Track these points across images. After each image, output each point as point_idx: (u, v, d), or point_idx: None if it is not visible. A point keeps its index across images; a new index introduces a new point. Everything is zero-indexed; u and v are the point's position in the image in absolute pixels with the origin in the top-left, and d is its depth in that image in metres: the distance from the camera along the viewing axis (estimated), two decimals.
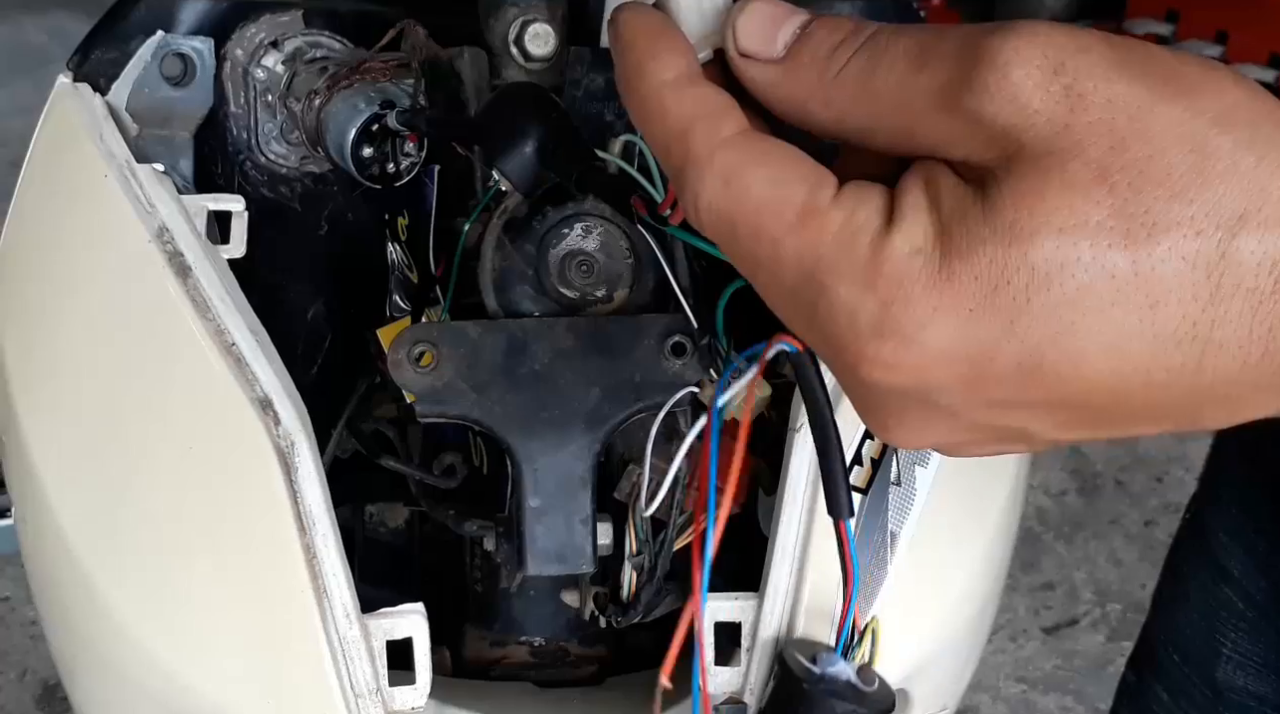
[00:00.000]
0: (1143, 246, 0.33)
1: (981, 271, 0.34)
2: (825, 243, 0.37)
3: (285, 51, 0.68)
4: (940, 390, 0.37)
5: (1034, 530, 2.13)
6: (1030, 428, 0.38)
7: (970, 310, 0.35)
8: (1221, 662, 0.86)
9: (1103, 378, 0.35)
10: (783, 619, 0.60)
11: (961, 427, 0.38)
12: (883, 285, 0.36)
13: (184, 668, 0.60)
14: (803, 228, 0.37)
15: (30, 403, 0.64)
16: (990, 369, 0.35)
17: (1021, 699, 1.89)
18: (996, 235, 0.34)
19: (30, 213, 0.67)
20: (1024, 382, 0.35)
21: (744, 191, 0.38)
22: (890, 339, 0.36)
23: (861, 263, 0.36)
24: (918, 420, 0.39)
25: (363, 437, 0.70)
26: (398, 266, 0.70)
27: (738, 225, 0.38)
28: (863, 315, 0.36)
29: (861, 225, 0.37)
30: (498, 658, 0.73)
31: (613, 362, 0.60)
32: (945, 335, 0.35)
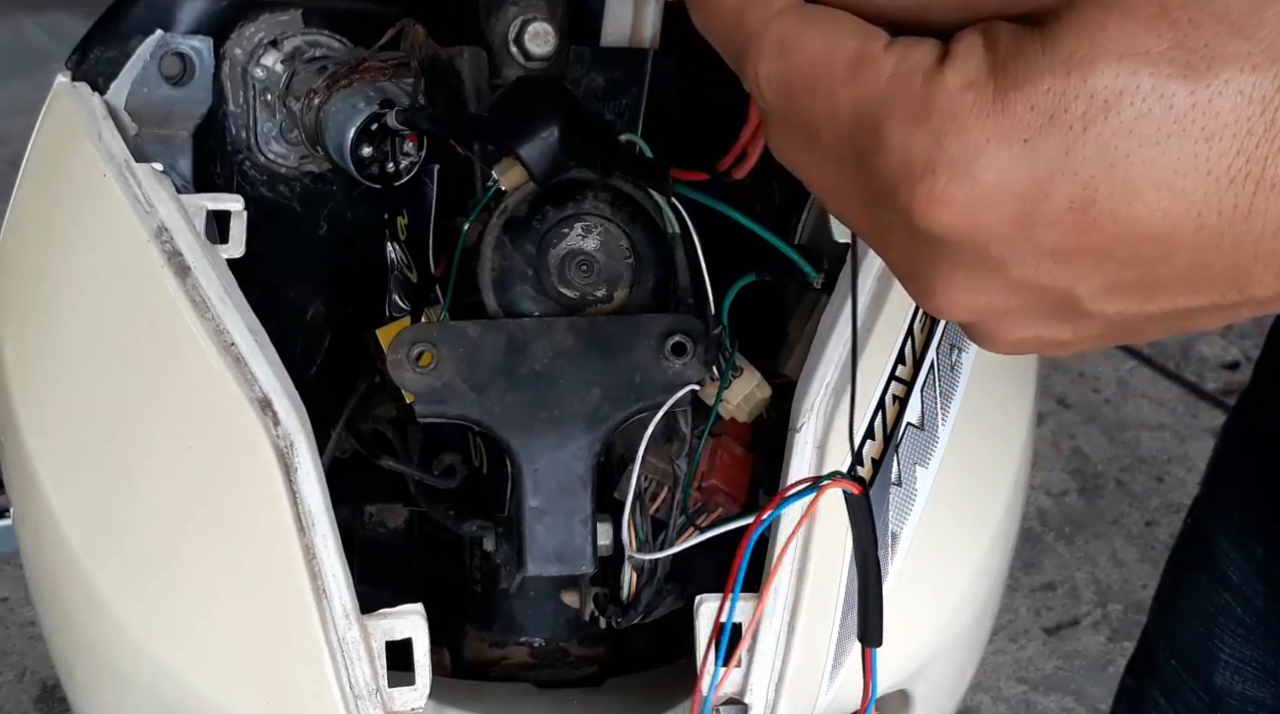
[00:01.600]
0: (1201, 78, 0.33)
1: (1038, 100, 0.34)
2: (878, 85, 0.37)
3: (284, 51, 0.68)
4: (990, 235, 0.36)
5: (1035, 531, 2.12)
6: (1077, 290, 0.37)
7: (1025, 141, 0.34)
8: (1219, 667, 0.86)
9: (1154, 219, 0.34)
10: (783, 619, 0.60)
11: (1009, 286, 0.38)
12: (935, 119, 0.35)
13: (183, 668, 0.59)
14: (856, 75, 0.37)
15: (29, 402, 0.64)
16: (1042, 208, 0.35)
17: (1022, 700, 1.89)
18: (1055, 64, 0.34)
19: (29, 212, 0.67)
20: (1075, 223, 0.35)
21: (798, 53, 0.38)
22: (943, 173, 0.35)
23: (914, 99, 0.36)
24: (965, 278, 0.38)
25: (362, 437, 0.70)
26: (397, 266, 0.69)
27: (794, 85, 0.38)
28: (916, 151, 0.36)
29: (914, 65, 0.36)
30: (497, 659, 0.73)
31: (613, 361, 0.59)
32: (998, 167, 0.35)
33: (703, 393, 0.61)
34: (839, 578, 0.60)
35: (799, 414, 0.61)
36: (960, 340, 0.66)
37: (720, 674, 0.60)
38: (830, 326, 0.62)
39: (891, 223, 0.38)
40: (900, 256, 0.39)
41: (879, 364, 0.62)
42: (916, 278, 0.39)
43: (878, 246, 0.40)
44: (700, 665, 0.60)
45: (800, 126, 0.39)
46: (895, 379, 0.63)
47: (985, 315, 0.39)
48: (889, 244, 0.39)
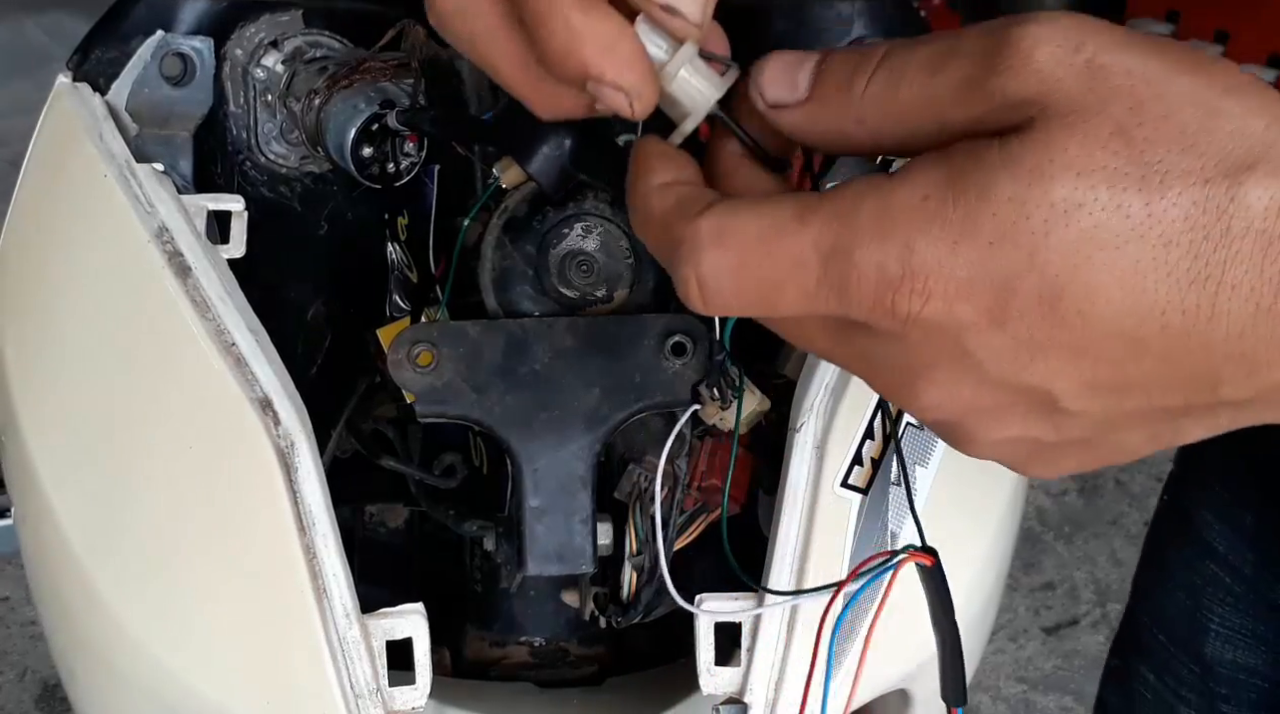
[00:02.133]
0: (1156, 190, 0.35)
1: (999, 209, 0.36)
2: (831, 226, 0.39)
3: (285, 51, 0.68)
4: (967, 326, 0.38)
5: (1034, 530, 2.12)
6: (1054, 387, 0.39)
7: (990, 243, 0.37)
8: (1210, 637, 0.87)
9: (1120, 316, 0.36)
10: (783, 619, 0.60)
11: (987, 382, 0.39)
12: (901, 231, 0.37)
13: (183, 668, 0.60)
14: (805, 226, 0.39)
15: (30, 402, 0.64)
16: (1013, 301, 0.37)
17: (1022, 699, 1.89)
18: (1015, 178, 0.36)
19: (30, 212, 0.67)
20: (1045, 317, 0.37)
21: (738, 235, 0.40)
22: (919, 274, 0.37)
23: (874, 223, 0.38)
24: (945, 375, 0.40)
25: (362, 436, 0.70)
26: (397, 266, 0.70)
27: (746, 267, 0.40)
28: (890, 263, 0.38)
29: (864, 192, 0.39)
30: (498, 658, 0.73)
31: (613, 361, 0.60)
32: (968, 264, 0.37)
33: (703, 413, 0.61)
34: (838, 577, 0.61)
35: (799, 414, 0.61)
36: None
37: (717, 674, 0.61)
38: None
39: (872, 343, 0.41)
40: (884, 370, 0.42)
41: None
42: (902, 386, 0.41)
43: (860, 371, 0.43)
44: (699, 665, 0.60)
45: (753, 301, 0.41)
46: None
47: (966, 415, 0.41)
48: (872, 363, 0.42)
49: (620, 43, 0.41)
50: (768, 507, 0.66)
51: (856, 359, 0.42)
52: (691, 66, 0.43)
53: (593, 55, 0.41)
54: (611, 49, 0.41)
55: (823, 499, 0.60)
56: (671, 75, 0.43)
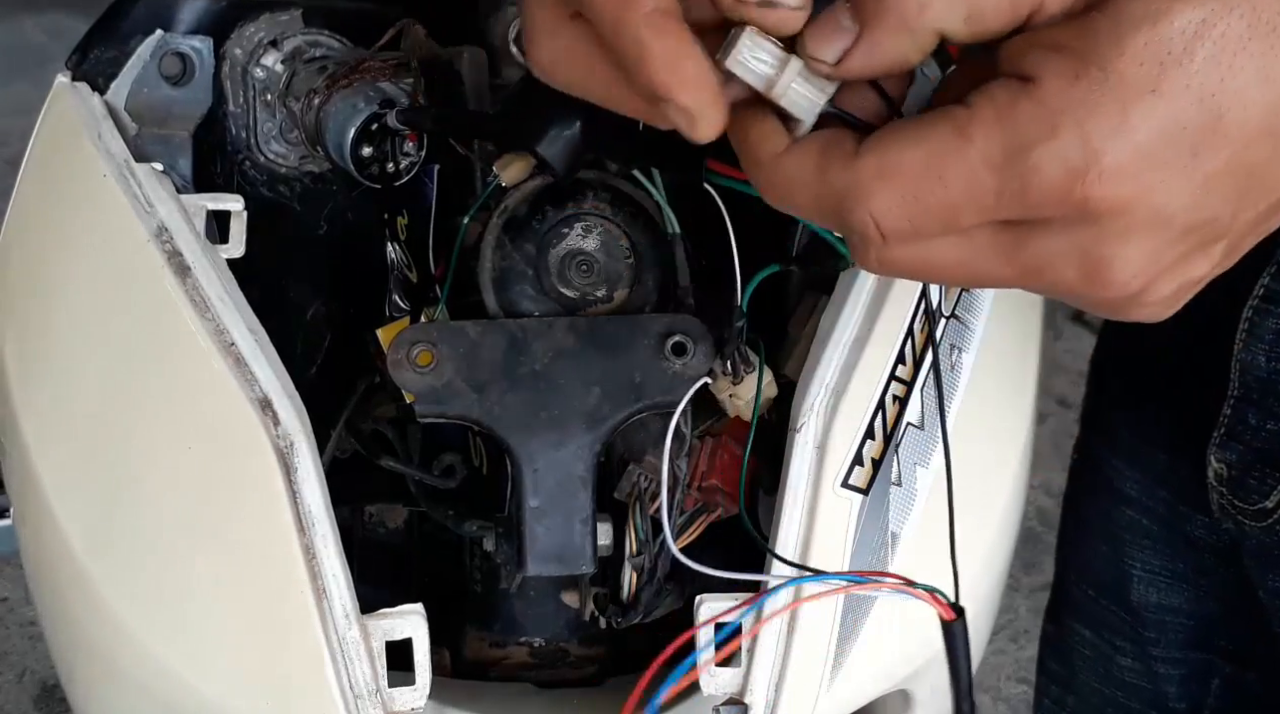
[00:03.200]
0: None
1: (1142, 55, 0.38)
2: (995, 135, 0.39)
3: (284, 51, 0.68)
4: (1158, 188, 0.39)
5: (1035, 530, 2.12)
6: (1220, 215, 0.40)
7: (1152, 91, 0.38)
8: (1134, 583, 0.88)
9: (1263, 114, 0.39)
10: (783, 619, 0.60)
11: (1176, 235, 0.40)
12: (1068, 121, 0.38)
13: (183, 668, 0.59)
14: (968, 142, 0.39)
15: (29, 402, 0.64)
16: (1186, 141, 0.38)
17: (1023, 700, 1.89)
18: (1136, 25, 0.38)
19: (29, 212, 0.67)
20: (1217, 143, 0.39)
21: (903, 167, 0.40)
22: (1105, 152, 0.38)
23: (1035, 119, 0.39)
24: (1138, 247, 0.40)
25: (362, 437, 0.70)
26: (397, 266, 0.69)
27: (919, 194, 0.40)
28: (1070, 153, 0.38)
29: (1012, 101, 0.39)
30: (497, 659, 0.73)
31: (613, 361, 0.59)
32: (1143, 123, 0.38)
33: (714, 387, 0.61)
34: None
35: (799, 414, 0.61)
36: (961, 340, 0.66)
37: (717, 674, 0.60)
38: (830, 327, 0.62)
39: (1056, 240, 0.41)
40: (1071, 262, 0.42)
41: (879, 364, 0.62)
42: (1095, 271, 0.41)
43: (1039, 280, 0.42)
44: (699, 665, 0.60)
45: (935, 229, 0.41)
46: (895, 379, 0.63)
47: (1155, 278, 0.42)
48: (1055, 266, 0.42)
49: (684, 63, 0.41)
50: (768, 507, 0.66)
51: (1033, 269, 0.42)
52: (799, 79, 0.43)
53: (658, 74, 0.41)
54: (676, 69, 0.41)
55: (823, 499, 0.60)
56: (782, 92, 0.43)
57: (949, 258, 0.42)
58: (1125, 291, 0.42)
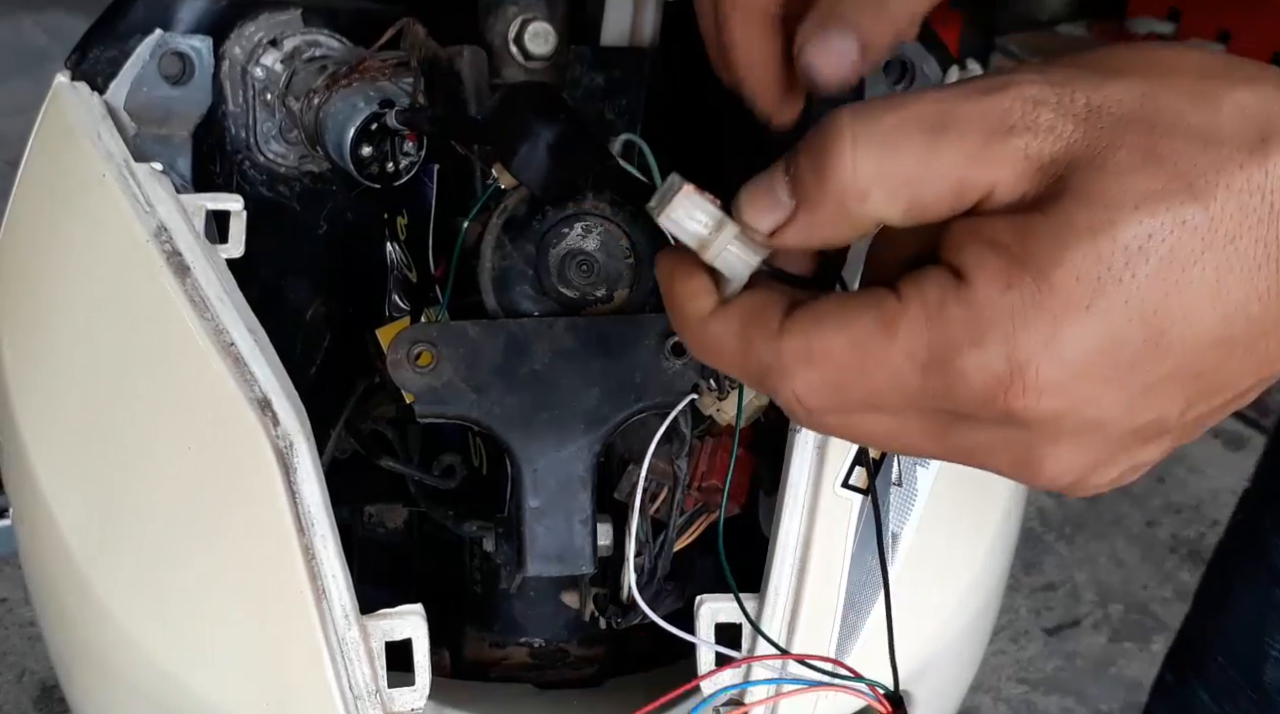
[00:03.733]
0: (1206, 193, 0.36)
1: (1080, 269, 0.37)
2: (921, 335, 0.38)
3: (284, 50, 0.68)
4: (1087, 400, 0.38)
5: (1035, 531, 2.12)
6: (1165, 415, 0.39)
7: (1087, 307, 0.37)
8: (1269, 664, 0.87)
9: (1215, 327, 0.37)
10: (783, 620, 0.60)
11: (1110, 439, 0.40)
12: (996, 329, 0.37)
13: (182, 669, 0.59)
14: (893, 339, 0.39)
15: (28, 402, 0.63)
16: (1124, 356, 0.37)
17: (1023, 700, 1.89)
18: (1078, 237, 0.37)
19: (28, 212, 0.67)
20: (1155, 357, 0.38)
21: (828, 354, 0.40)
22: (1030, 367, 0.37)
23: (962, 324, 0.38)
24: (1069, 448, 0.40)
25: (361, 437, 0.70)
26: (397, 266, 0.69)
27: (840, 381, 0.40)
28: (995, 364, 0.37)
29: (941, 301, 0.38)
30: (497, 659, 0.73)
31: (613, 362, 0.59)
32: (1075, 339, 0.37)
33: (700, 402, 0.61)
34: (839, 578, 0.60)
35: None
36: None
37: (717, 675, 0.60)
38: None
39: (986, 437, 0.40)
40: (1000, 456, 0.41)
41: None
42: (1024, 467, 0.41)
43: (970, 462, 0.42)
44: (700, 665, 0.60)
45: (859, 409, 0.41)
46: None
47: (1088, 473, 0.41)
48: (988, 454, 0.41)
49: (753, 51, 0.48)
50: (768, 507, 0.65)
51: (964, 452, 0.42)
52: (735, 242, 0.42)
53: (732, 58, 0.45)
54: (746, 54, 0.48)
55: (823, 500, 0.60)
56: (715, 254, 0.42)
57: (878, 431, 0.42)
58: (1061, 483, 0.41)
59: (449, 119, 0.63)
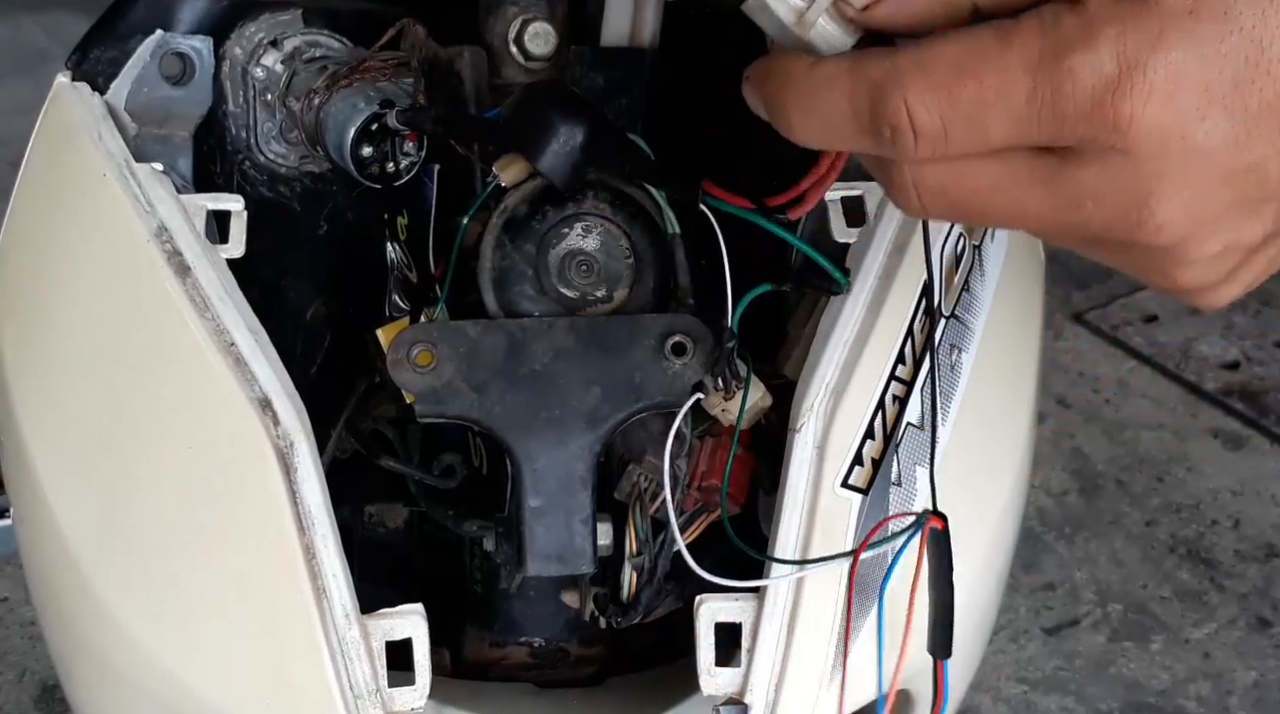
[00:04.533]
0: None
1: None
2: (1035, 41, 0.39)
3: (284, 51, 0.68)
4: (1190, 116, 0.38)
5: (1035, 530, 2.12)
6: (1266, 163, 0.39)
7: (1190, 12, 0.38)
8: None
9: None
10: (783, 619, 0.60)
11: (1217, 179, 0.39)
12: (1105, 33, 0.38)
13: (182, 668, 0.59)
14: (1008, 45, 0.39)
15: (29, 402, 0.64)
16: (1226, 72, 0.38)
17: (1023, 700, 1.89)
18: None
19: (29, 212, 0.67)
20: (1254, 76, 0.38)
21: (940, 59, 0.40)
22: (1137, 66, 0.38)
23: (1075, 28, 0.38)
24: (1177, 183, 0.39)
25: (362, 437, 0.70)
26: (397, 266, 0.69)
27: (954, 92, 0.39)
28: (1105, 65, 0.38)
29: (1056, 13, 0.39)
30: (497, 658, 0.73)
31: (613, 361, 0.59)
32: (1179, 42, 0.38)
33: (705, 403, 0.61)
34: (839, 578, 0.60)
35: (799, 415, 0.61)
36: (960, 340, 0.66)
37: (718, 674, 0.60)
38: (830, 327, 0.62)
39: (1090, 171, 0.40)
40: (1106, 199, 0.41)
41: (879, 364, 0.62)
42: (1130, 210, 0.40)
43: (1077, 216, 0.41)
44: (700, 665, 0.60)
45: (965, 135, 0.40)
46: (895, 379, 0.62)
47: (1196, 227, 0.40)
48: (1091, 196, 0.41)
49: None
50: (768, 507, 0.65)
51: (1072, 201, 0.41)
52: (826, 16, 0.43)
53: None
54: None
55: (823, 499, 0.60)
56: (808, 26, 0.43)
57: (983, 181, 0.42)
58: (1168, 237, 0.41)
59: (452, 118, 0.63)
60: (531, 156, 0.56)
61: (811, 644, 0.60)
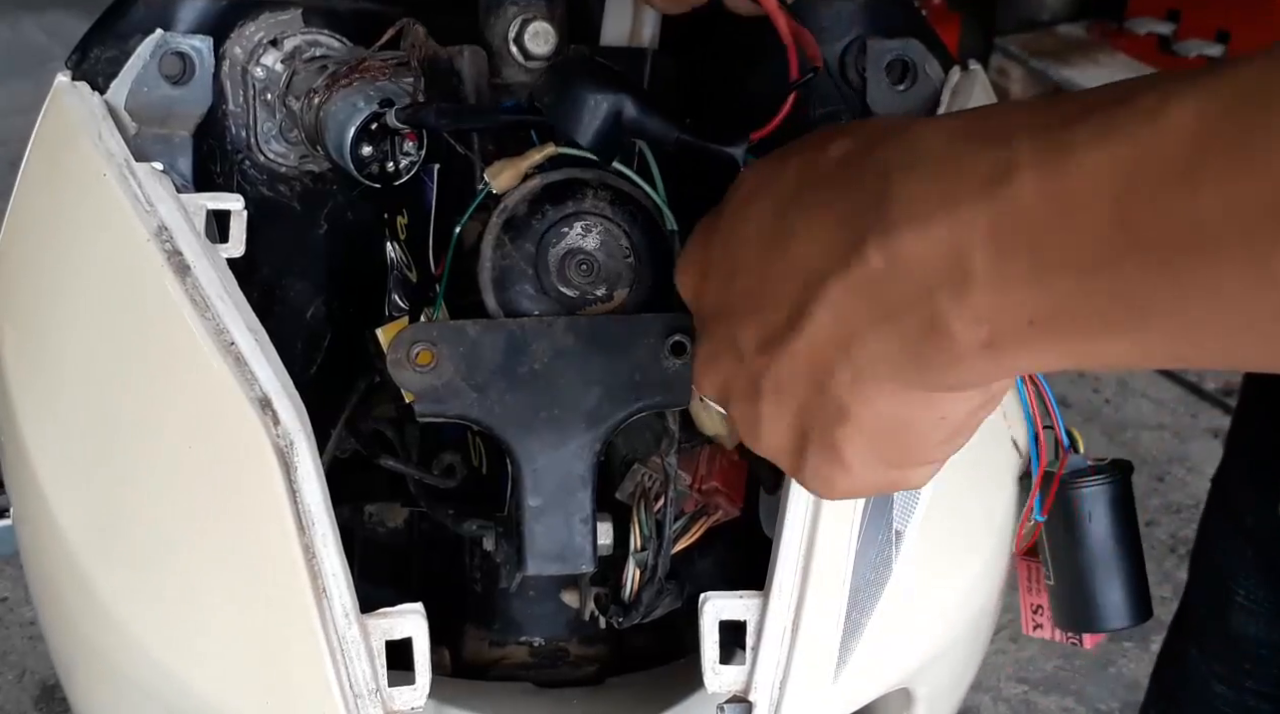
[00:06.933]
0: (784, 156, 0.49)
1: (732, 194, 0.51)
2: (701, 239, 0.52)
3: (284, 50, 0.68)
4: (696, 294, 0.52)
5: None
6: (735, 330, 0.49)
7: (713, 220, 0.51)
8: (1234, 610, 0.90)
9: (739, 236, 0.50)
10: (788, 618, 0.60)
11: (713, 340, 0.51)
12: (694, 238, 0.54)
13: (183, 668, 0.59)
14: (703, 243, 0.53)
15: (29, 402, 0.63)
16: (711, 254, 0.51)
17: (1023, 700, 1.89)
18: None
19: (29, 212, 0.67)
20: (723, 255, 0.50)
21: None
22: (688, 255, 0.54)
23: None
24: (705, 350, 0.52)
25: (362, 436, 0.70)
26: (397, 266, 0.69)
27: None
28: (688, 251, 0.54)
29: None
30: (497, 658, 0.73)
31: (613, 361, 0.59)
32: (700, 241, 0.52)
33: (701, 421, 0.61)
34: (844, 575, 0.60)
35: None
36: None
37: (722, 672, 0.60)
38: None
39: None
40: None
41: None
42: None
43: None
44: (704, 663, 0.60)
45: None
46: None
47: (727, 387, 0.50)
48: None
49: None
50: (769, 507, 0.66)
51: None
52: None
53: None
54: None
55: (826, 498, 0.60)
56: None
57: None
58: (715, 397, 0.52)
59: (453, 111, 0.63)
60: (574, 133, 0.57)
61: (816, 642, 0.60)
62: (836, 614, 0.61)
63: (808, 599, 0.60)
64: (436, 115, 0.62)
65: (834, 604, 0.60)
